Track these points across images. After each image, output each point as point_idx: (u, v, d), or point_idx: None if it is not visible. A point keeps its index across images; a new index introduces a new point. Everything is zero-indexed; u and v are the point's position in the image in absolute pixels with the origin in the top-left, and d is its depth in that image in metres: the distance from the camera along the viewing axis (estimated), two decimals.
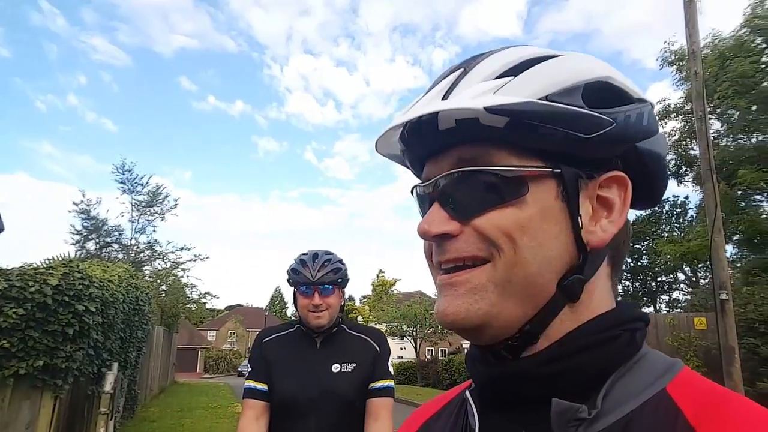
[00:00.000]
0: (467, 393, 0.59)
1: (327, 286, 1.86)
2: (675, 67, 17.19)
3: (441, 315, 0.52)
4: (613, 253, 0.55)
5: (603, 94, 0.51)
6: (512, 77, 0.50)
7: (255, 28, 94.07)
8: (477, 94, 0.50)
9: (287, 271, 1.93)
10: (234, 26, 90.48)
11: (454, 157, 0.52)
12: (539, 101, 0.48)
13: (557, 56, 0.52)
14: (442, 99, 0.52)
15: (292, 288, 1.93)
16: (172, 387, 19.45)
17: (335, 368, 1.83)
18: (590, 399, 0.46)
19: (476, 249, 0.50)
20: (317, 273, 1.86)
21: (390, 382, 1.86)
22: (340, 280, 1.90)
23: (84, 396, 6.08)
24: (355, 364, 1.84)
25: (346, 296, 2.09)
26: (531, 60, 0.51)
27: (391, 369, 1.91)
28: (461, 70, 0.53)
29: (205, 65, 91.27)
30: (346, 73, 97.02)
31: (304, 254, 1.94)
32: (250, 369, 1.90)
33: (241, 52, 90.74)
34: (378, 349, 1.90)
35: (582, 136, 0.49)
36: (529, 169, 0.50)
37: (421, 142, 0.55)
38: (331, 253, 1.96)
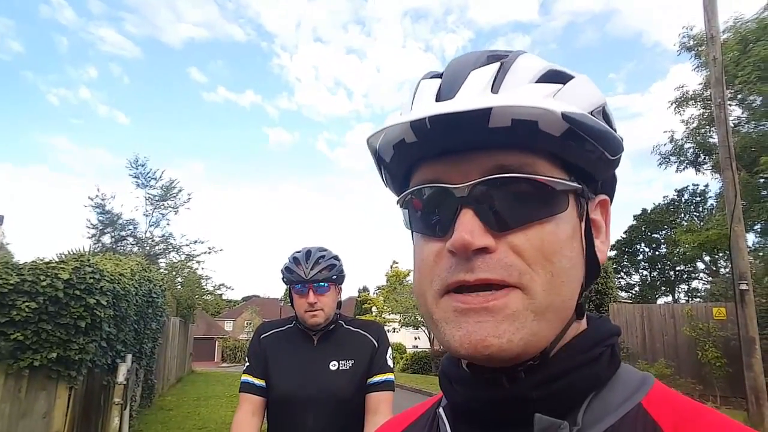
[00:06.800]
0: (441, 410, 0.56)
1: (322, 283, 1.83)
2: (694, 52, 16.73)
3: (478, 345, 0.44)
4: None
5: (605, 118, 0.52)
6: (560, 85, 0.48)
7: (263, 15, 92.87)
8: (544, 95, 0.47)
9: (281, 270, 1.90)
10: (242, 14, 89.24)
11: (492, 162, 0.46)
12: (593, 116, 0.48)
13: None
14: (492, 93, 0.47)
15: (288, 287, 1.90)
16: (189, 376, 19.76)
17: (333, 366, 1.80)
18: (571, 415, 0.46)
19: (507, 273, 0.44)
20: (310, 271, 1.83)
21: (389, 376, 1.82)
22: (335, 277, 1.87)
23: (99, 386, 6.19)
24: (353, 361, 1.81)
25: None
26: (556, 71, 0.50)
27: (390, 362, 1.87)
28: (498, 64, 0.48)
29: (214, 55, 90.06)
30: (357, 61, 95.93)
31: (297, 252, 1.90)
32: (247, 363, 1.89)
33: (249, 41, 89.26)
34: (376, 343, 1.87)
35: (609, 157, 0.50)
36: (574, 184, 0.49)
37: (451, 137, 0.46)
38: (325, 250, 1.92)
